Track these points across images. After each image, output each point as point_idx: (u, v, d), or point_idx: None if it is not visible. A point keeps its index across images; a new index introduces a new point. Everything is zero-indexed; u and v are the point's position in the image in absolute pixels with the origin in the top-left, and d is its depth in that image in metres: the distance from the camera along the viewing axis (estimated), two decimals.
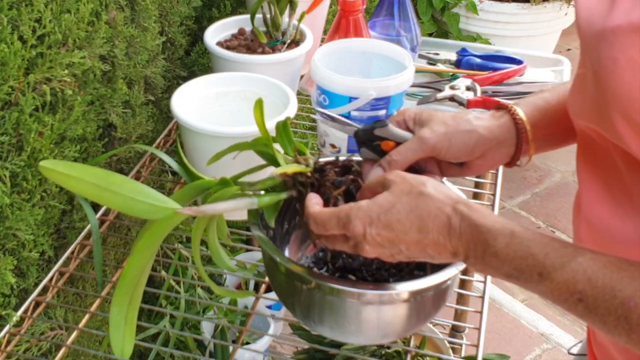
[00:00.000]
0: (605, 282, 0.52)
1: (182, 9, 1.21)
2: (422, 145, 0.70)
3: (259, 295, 0.95)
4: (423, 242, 0.60)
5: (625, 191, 0.58)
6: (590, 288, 0.52)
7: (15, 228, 0.87)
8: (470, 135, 0.71)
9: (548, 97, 0.74)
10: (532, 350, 1.89)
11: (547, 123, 0.73)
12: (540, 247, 0.55)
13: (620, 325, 0.51)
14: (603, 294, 0.52)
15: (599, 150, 0.60)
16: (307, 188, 0.70)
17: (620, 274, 0.52)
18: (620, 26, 0.50)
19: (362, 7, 1.21)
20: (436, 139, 0.70)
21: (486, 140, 0.71)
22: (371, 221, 0.60)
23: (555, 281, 0.54)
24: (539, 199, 2.41)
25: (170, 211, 0.64)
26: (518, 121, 0.72)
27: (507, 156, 0.74)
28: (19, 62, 0.81)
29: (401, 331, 0.74)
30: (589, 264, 0.53)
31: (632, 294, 0.50)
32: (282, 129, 0.74)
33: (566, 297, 0.54)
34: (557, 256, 0.54)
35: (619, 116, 0.52)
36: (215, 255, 0.75)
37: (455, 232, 0.59)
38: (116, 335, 0.66)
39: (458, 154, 0.71)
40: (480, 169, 0.75)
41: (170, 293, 1.05)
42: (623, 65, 0.50)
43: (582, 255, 0.54)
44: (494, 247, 0.57)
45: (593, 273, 0.53)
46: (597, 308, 0.52)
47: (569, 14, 2.62)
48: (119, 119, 1.07)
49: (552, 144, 0.76)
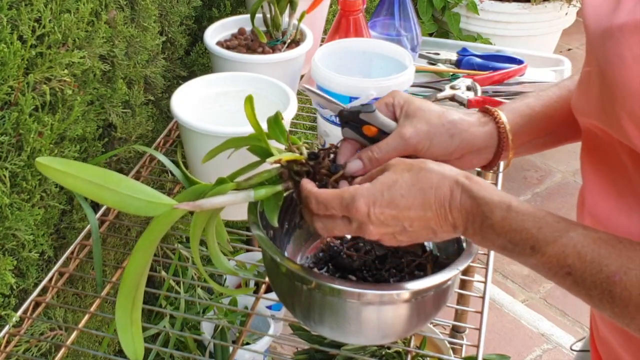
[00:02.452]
0: (593, 257, 0.54)
1: (182, 8, 1.20)
2: (404, 143, 0.70)
3: (259, 296, 0.95)
4: (426, 216, 0.61)
5: (630, 187, 0.58)
6: (579, 262, 0.55)
7: (15, 228, 0.87)
8: (452, 140, 0.71)
9: (532, 103, 0.74)
10: (533, 350, 1.89)
11: (529, 130, 0.74)
12: (534, 222, 0.57)
13: (605, 299, 0.54)
14: (590, 268, 0.54)
15: (604, 148, 0.61)
16: (302, 177, 0.69)
17: (608, 250, 0.54)
18: (627, 24, 0.50)
19: (363, 7, 1.20)
20: (417, 139, 0.70)
21: (467, 145, 0.72)
22: (375, 200, 0.61)
23: (546, 255, 0.56)
24: (539, 199, 2.41)
25: (167, 207, 0.64)
26: (501, 130, 0.72)
27: (485, 161, 0.74)
28: (19, 62, 0.81)
29: (401, 332, 0.74)
30: (579, 239, 0.55)
31: (617, 269, 0.53)
32: (274, 122, 0.74)
33: (556, 271, 0.56)
34: (550, 231, 0.57)
35: (625, 114, 0.52)
36: (214, 257, 0.74)
37: (456, 203, 0.60)
38: (125, 338, 0.66)
39: (437, 154, 0.71)
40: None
41: (170, 293, 1.05)
42: (630, 62, 0.50)
43: (574, 230, 0.56)
44: (490, 220, 0.59)
45: (583, 248, 0.55)
46: (584, 281, 0.54)
47: (570, 13, 2.62)
48: (119, 119, 1.07)
49: (531, 150, 0.77)
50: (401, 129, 0.70)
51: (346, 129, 0.73)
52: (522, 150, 0.75)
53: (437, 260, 0.78)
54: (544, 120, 0.73)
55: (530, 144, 0.76)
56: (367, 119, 0.72)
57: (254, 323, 1.61)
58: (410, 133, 0.70)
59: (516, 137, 0.73)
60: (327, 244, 0.82)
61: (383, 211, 0.61)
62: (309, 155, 0.71)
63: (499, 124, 0.72)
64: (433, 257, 0.79)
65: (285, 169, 0.71)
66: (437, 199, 0.61)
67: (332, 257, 0.80)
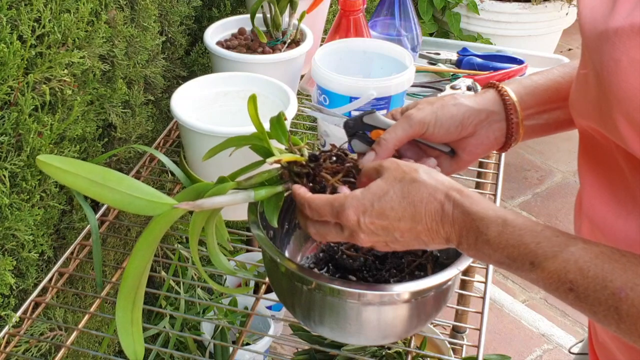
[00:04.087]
0: (596, 272, 0.52)
1: (182, 8, 1.20)
2: (410, 121, 0.70)
3: (259, 296, 0.95)
4: (416, 229, 0.60)
5: (628, 190, 0.58)
6: (581, 278, 0.53)
7: (15, 228, 0.87)
8: (458, 108, 0.71)
9: (536, 79, 0.74)
10: (533, 350, 1.89)
11: (536, 102, 0.73)
12: (532, 236, 0.56)
13: (610, 316, 0.52)
14: (594, 284, 0.52)
15: (601, 150, 0.60)
16: (302, 178, 0.69)
17: (612, 265, 0.52)
18: (623, 27, 0.50)
19: (363, 7, 1.20)
20: (423, 114, 0.70)
21: (474, 111, 0.71)
22: (364, 210, 0.61)
23: (546, 270, 0.54)
24: (540, 199, 2.41)
25: (167, 207, 0.64)
26: (505, 96, 0.72)
27: (500, 132, 0.73)
28: (18, 62, 0.81)
29: (402, 332, 0.74)
30: (580, 254, 0.53)
31: (622, 285, 0.51)
32: (277, 122, 0.74)
33: (557, 286, 0.54)
34: (549, 245, 0.55)
35: (621, 117, 0.51)
36: (213, 256, 0.74)
37: (448, 218, 0.59)
38: (126, 339, 0.66)
39: (447, 128, 0.70)
40: (473, 151, 0.74)
41: (170, 294, 1.05)
42: (626, 66, 0.50)
43: (574, 245, 0.54)
44: (486, 235, 0.57)
45: (584, 263, 0.53)
46: (587, 298, 0.53)
47: (570, 13, 2.62)
48: (119, 119, 1.07)
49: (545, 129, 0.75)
50: (405, 114, 0.71)
51: (355, 141, 0.74)
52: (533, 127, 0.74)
53: (437, 260, 0.78)
54: (548, 92, 0.72)
55: (541, 119, 0.74)
56: (371, 122, 0.73)
57: (254, 323, 1.61)
58: (414, 113, 0.70)
59: (523, 106, 0.72)
60: (328, 244, 0.82)
61: (373, 221, 0.61)
62: (309, 156, 0.71)
63: (502, 91, 0.72)
64: (433, 257, 0.78)
65: (286, 169, 0.71)
66: (428, 213, 0.60)
67: (332, 258, 0.80)
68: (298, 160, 0.70)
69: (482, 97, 0.73)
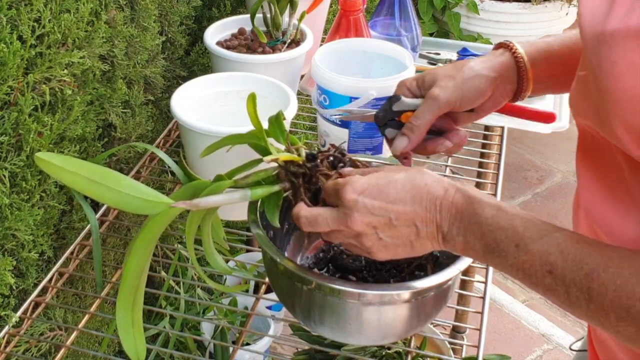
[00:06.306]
0: (575, 254, 0.55)
1: (182, 8, 1.20)
2: (437, 103, 0.74)
3: (259, 296, 0.95)
4: (414, 211, 0.62)
5: (626, 189, 0.58)
6: (561, 260, 0.55)
7: (15, 228, 0.87)
8: (480, 80, 0.74)
9: (550, 40, 0.78)
10: (533, 351, 1.89)
11: (548, 62, 0.76)
12: (522, 222, 0.58)
13: (582, 296, 0.54)
14: (572, 266, 0.54)
15: (600, 149, 0.60)
16: (299, 178, 0.69)
17: (590, 249, 0.55)
18: (619, 30, 0.50)
19: (363, 7, 1.20)
20: (448, 94, 0.74)
21: (492, 80, 0.75)
22: (363, 190, 0.63)
23: (530, 252, 0.57)
24: (540, 199, 2.41)
25: (165, 206, 0.64)
26: (518, 58, 0.76)
27: (511, 92, 0.77)
28: (18, 62, 0.81)
29: (402, 332, 0.74)
30: (564, 239, 0.56)
31: (596, 266, 0.53)
32: (275, 121, 0.74)
33: (536, 269, 0.56)
34: (536, 230, 0.57)
35: (617, 119, 0.52)
36: (209, 256, 0.74)
37: (448, 202, 0.62)
38: (127, 339, 0.66)
39: (472, 100, 0.75)
40: (488, 109, 0.79)
41: (170, 294, 1.05)
42: (621, 69, 0.50)
43: (559, 232, 0.57)
44: (480, 217, 0.60)
45: (566, 247, 0.56)
46: (564, 279, 0.55)
47: (570, 13, 2.62)
48: (119, 119, 1.07)
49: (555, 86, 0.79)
50: (429, 94, 0.74)
51: (388, 130, 0.78)
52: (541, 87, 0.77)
53: (437, 260, 0.78)
54: (562, 56, 0.75)
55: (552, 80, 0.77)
56: (399, 108, 0.76)
57: (254, 323, 1.61)
58: (437, 92, 0.74)
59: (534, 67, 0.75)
60: (328, 244, 0.82)
61: (372, 201, 0.63)
62: (307, 156, 0.71)
63: (515, 52, 0.76)
64: (433, 257, 0.78)
65: (283, 168, 0.71)
66: (430, 196, 0.62)
67: (333, 257, 0.80)
68: (295, 160, 0.70)
69: (498, 61, 0.76)
